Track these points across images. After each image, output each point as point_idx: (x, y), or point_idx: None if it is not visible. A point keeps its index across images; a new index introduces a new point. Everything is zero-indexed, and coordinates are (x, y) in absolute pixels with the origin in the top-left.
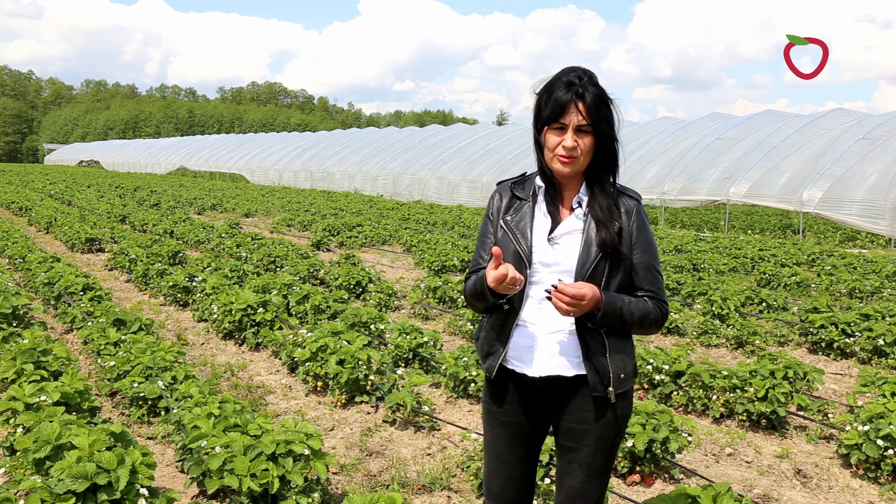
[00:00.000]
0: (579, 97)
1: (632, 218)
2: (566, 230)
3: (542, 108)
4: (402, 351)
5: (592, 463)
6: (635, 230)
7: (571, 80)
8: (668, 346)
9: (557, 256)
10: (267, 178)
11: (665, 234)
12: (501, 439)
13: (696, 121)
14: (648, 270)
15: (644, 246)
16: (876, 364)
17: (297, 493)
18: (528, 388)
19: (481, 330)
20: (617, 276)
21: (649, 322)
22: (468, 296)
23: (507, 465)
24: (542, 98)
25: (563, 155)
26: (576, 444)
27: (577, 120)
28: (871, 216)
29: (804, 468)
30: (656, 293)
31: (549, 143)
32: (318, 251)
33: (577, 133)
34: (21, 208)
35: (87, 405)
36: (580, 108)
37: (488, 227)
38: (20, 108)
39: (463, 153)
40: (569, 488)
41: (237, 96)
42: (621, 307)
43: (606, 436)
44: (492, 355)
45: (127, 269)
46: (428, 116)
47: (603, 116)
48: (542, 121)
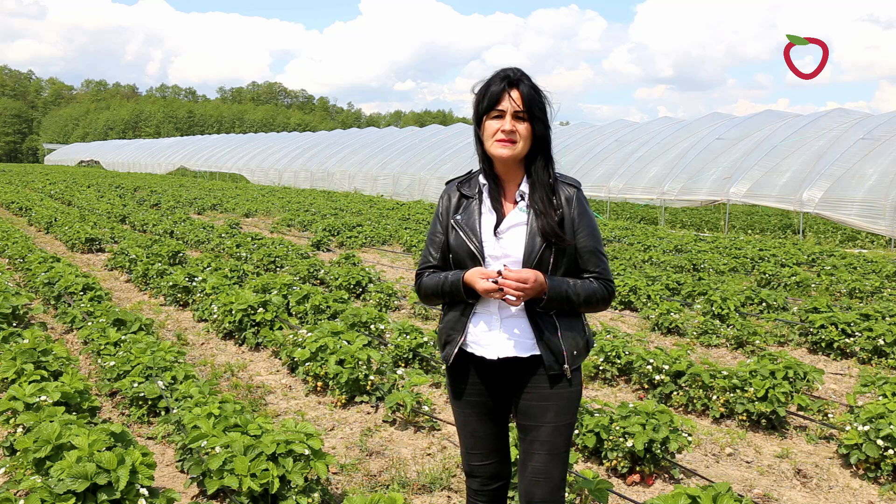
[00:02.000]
0: (513, 86)
1: (572, 205)
2: (511, 223)
3: (481, 102)
4: (402, 351)
5: (553, 441)
6: (577, 216)
7: (506, 74)
8: (668, 346)
9: (505, 249)
10: (267, 178)
11: (665, 234)
12: (472, 418)
13: (697, 121)
14: (592, 253)
15: (587, 230)
16: (876, 364)
17: (297, 493)
18: (487, 371)
19: (441, 321)
20: (562, 263)
21: (596, 300)
22: (428, 293)
23: (482, 440)
24: (480, 93)
25: (502, 139)
26: (535, 421)
27: (512, 106)
28: (871, 216)
29: (804, 468)
30: (601, 273)
31: (488, 130)
32: (318, 251)
33: (515, 119)
34: (21, 208)
35: (87, 405)
36: (514, 96)
37: (437, 226)
38: (20, 108)
39: (463, 153)
40: (532, 470)
41: (237, 96)
42: (566, 290)
43: (564, 412)
44: (449, 343)
45: (127, 269)
46: (428, 116)
47: (536, 104)
48: (482, 111)
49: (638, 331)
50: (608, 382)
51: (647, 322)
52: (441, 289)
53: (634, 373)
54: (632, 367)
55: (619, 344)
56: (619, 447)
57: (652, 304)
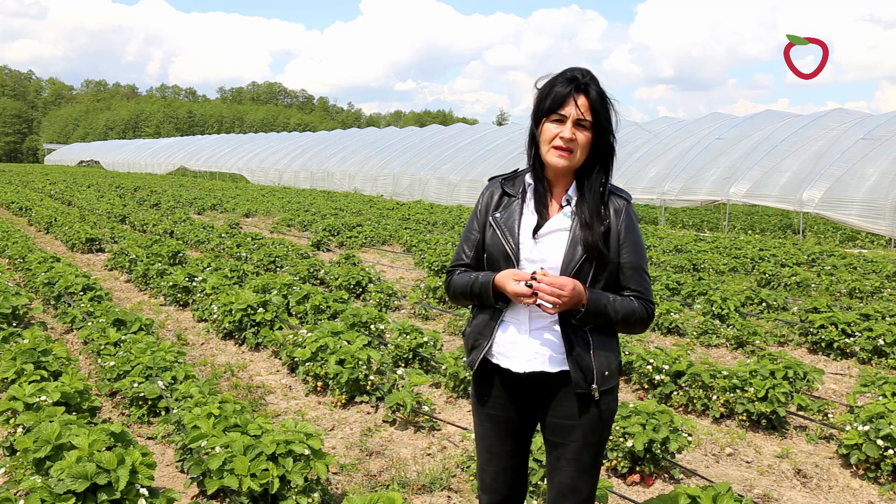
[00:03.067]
0: (581, 91)
1: (621, 217)
2: (553, 228)
3: (543, 101)
4: (402, 351)
5: (580, 458)
6: (623, 230)
7: (574, 76)
8: (668, 346)
9: (543, 253)
10: (267, 178)
11: (665, 234)
12: (491, 432)
13: (697, 121)
14: (635, 270)
15: (632, 246)
16: (876, 364)
17: (297, 493)
18: (513, 384)
19: (468, 325)
20: (602, 277)
21: (634, 321)
22: (456, 293)
23: (498, 457)
24: (543, 91)
25: (560, 146)
26: (563, 439)
27: (576, 113)
28: (871, 216)
29: (804, 468)
30: (643, 293)
31: (546, 134)
32: (318, 251)
33: (576, 127)
34: (21, 208)
35: (87, 405)
36: (581, 103)
37: (474, 223)
38: (20, 108)
39: (463, 153)
40: (559, 485)
41: (237, 96)
42: (605, 304)
43: (593, 431)
44: (476, 349)
45: (127, 269)
46: (428, 116)
47: (603, 113)
48: (542, 112)
49: None
50: None
51: None
52: (470, 289)
53: (634, 373)
54: (632, 367)
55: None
56: (619, 447)
57: None
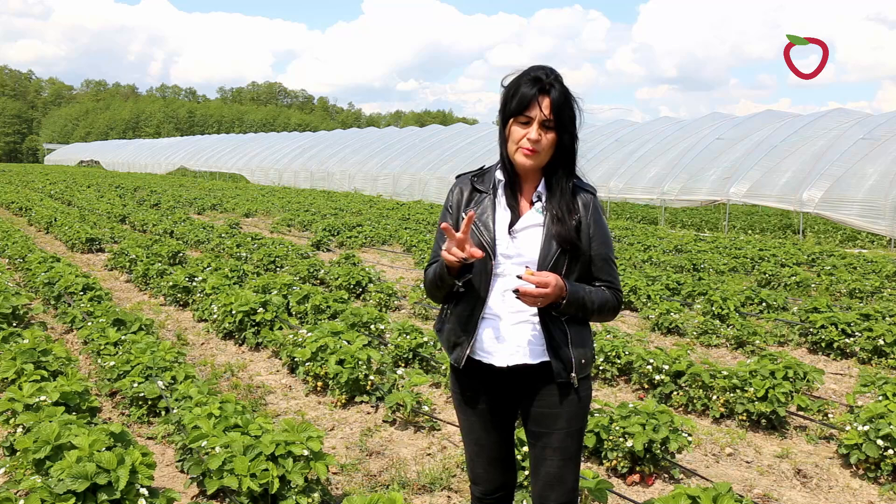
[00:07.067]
0: (545, 93)
1: (590, 211)
2: (527, 224)
3: (509, 102)
4: (402, 351)
5: (565, 446)
6: (593, 223)
7: (538, 76)
8: (668, 346)
9: (519, 249)
10: (267, 178)
11: (665, 234)
12: (477, 426)
13: (697, 121)
14: (605, 261)
15: (601, 238)
16: (876, 364)
17: (297, 494)
18: (495, 377)
19: (444, 321)
20: (576, 269)
21: (608, 310)
22: (429, 285)
23: (486, 448)
24: (508, 91)
25: (526, 147)
26: (547, 428)
27: (541, 115)
28: (871, 216)
29: (804, 468)
30: (612, 282)
31: (513, 135)
32: (318, 251)
33: (541, 128)
34: (21, 208)
35: (87, 405)
36: (545, 105)
37: (447, 219)
38: (20, 108)
39: (463, 153)
40: (546, 476)
41: (237, 96)
42: (584, 296)
43: (576, 417)
44: (459, 346)
45: (127, 269)
46: (428, 116)
47: (566, 113)
48: (508, 113)
49: (638, 331)
50: (608, 382)
51: (647, 322)
52: (435, 274)
53: (634, 373)
54: (632, 367)
55: (619, 344)
56: (619, 447)
57: (652, 304)
